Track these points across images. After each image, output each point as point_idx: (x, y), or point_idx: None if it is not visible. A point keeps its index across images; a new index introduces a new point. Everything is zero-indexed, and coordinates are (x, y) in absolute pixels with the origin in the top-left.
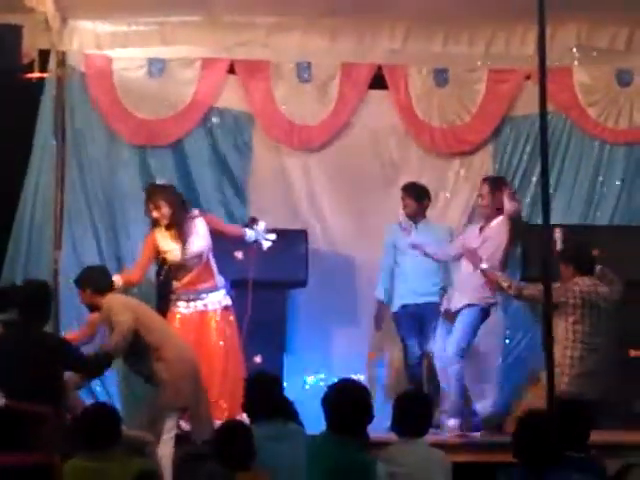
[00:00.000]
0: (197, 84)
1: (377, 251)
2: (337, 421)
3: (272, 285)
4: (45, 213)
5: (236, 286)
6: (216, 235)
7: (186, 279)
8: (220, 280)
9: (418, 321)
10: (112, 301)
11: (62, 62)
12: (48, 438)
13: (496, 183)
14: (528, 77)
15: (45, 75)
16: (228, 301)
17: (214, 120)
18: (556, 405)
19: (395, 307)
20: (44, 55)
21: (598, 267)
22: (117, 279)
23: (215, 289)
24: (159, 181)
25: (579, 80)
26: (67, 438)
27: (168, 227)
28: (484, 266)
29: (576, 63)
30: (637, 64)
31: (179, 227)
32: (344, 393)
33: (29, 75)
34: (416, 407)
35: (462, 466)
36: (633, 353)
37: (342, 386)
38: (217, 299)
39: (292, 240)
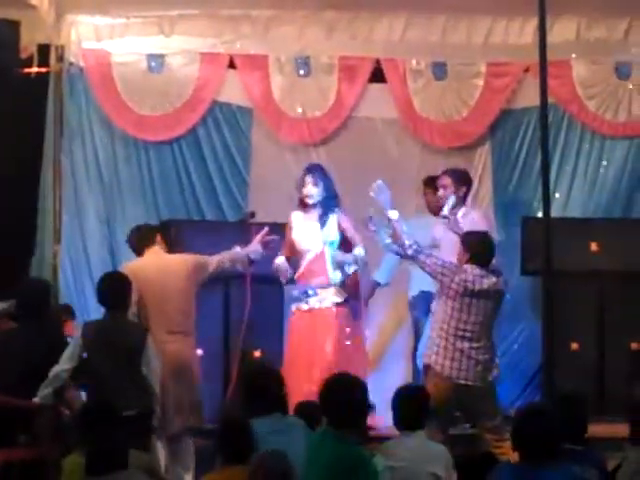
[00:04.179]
0: (197, 79)
1: (376, 244)
2: (334, 416)
3: (271, 279)
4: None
5: (235, 280)
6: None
7: None
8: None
9: None
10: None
11: (60, 57)
12: (45, 434)
13: (458, 175)
14: (527, 70)
15: (43, 70)
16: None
17: (214, 114)
18: (554, 398)
19: (414, 291)
20: (46, 50)
21: None
22: None
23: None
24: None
25: (578, 73)
26: (66, 433)
27: None
28: (393, 217)
29: (575, 56)
30: (636, 57)
31: None
32: (340, 388)
33: (28, 70)
34: (414, 401)
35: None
36: (634, 346)
37: (338, 380)
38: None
39: None
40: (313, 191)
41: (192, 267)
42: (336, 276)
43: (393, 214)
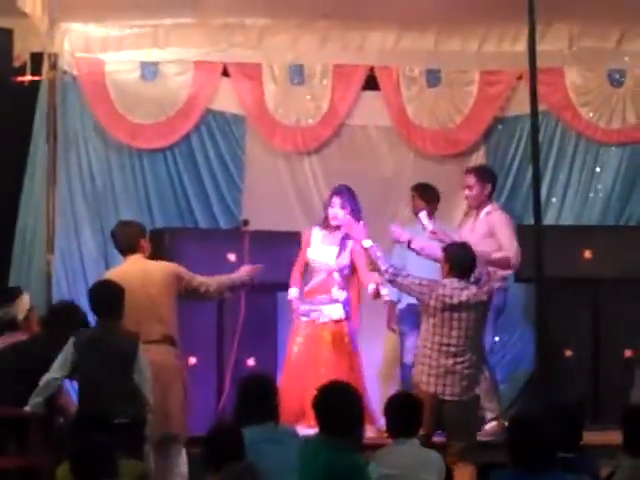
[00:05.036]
0: (191, 87)
1: None
2: (328, 424)
3: (265, 287)
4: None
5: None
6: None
7: None
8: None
9: None
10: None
11: (54, 65)
12: (36, 442)
13: (483, 172)
14: (520, 77)
15: (37, 78)
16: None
17: (208, 123)
18: (548, 405)
19: (402, 304)
20: (39, 58)
21: None
22: None
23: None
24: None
25: (571, 80)
26: (59, 442)
27: None
28: (367, 244)
29: (568, 64)
30: (629, 64)
31: None
32: (335, 396)
33: (21, 78)
34: (406, 409)
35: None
36: (628, 353)
37: (333, 388)
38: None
39: (285, 242)
40: (340, 213)
41: (174, 274)
42: (341, 295)
43: (366, 243)
